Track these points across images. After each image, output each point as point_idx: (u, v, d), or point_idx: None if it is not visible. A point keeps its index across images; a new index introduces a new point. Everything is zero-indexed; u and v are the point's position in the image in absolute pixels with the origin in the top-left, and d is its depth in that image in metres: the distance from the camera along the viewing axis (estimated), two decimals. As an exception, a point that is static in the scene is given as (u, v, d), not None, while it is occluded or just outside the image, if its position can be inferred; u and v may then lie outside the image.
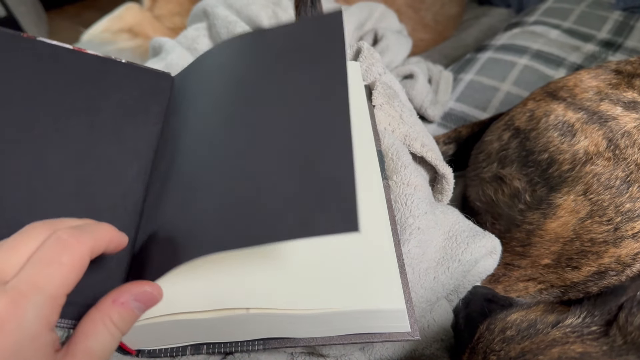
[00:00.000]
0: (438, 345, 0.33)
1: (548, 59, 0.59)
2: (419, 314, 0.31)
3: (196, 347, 0.27)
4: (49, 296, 0.19)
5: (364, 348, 0.31)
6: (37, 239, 0.21)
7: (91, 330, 0.20)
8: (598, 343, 0.23)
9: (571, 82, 0.39)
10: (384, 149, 0.34)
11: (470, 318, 0.32)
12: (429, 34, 0.79)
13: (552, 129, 0.36)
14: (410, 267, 0.30)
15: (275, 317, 0.25)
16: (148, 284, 0.22)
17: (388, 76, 0.41)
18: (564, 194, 0.33)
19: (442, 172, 0.35)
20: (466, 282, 0.33)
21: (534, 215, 0.35)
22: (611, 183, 0.32)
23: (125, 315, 0.21)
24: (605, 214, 0.32)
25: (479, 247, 0.32)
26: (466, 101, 0.57)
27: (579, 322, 0.24)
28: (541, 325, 0.25)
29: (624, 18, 0.65)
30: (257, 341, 0.26)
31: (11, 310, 0.18)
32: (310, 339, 0.26)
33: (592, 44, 0.62)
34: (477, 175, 0.42)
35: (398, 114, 0.37)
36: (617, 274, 0.33)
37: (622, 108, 0.34)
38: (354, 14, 0.56)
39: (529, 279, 0.36)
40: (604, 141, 0.33)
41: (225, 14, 0.50)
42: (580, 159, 0.33)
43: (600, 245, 0.32)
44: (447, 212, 0.34)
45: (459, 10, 0.83)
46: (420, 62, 0.58)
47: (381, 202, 0.30)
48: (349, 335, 0.26)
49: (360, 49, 0.41)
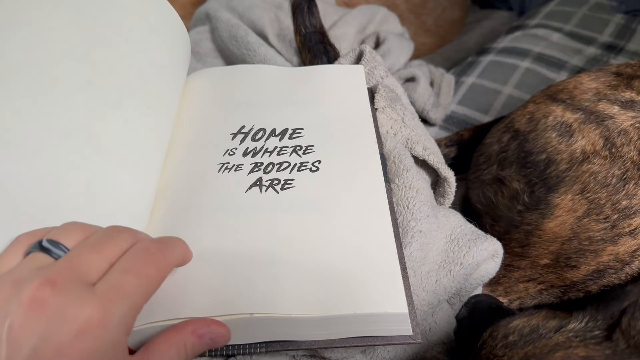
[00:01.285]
0: (440, 349, 0.33)
1: (550, 62, 0.60)
2: (420, 317, 0.31)
3: (198, 350, 0.27)
4: (133, 305, 0.20)
5: (366, 351, 0.31)
6: (121, 245, 0.21)
7: (166, 350, 0.21)
8: (601, 347, 0.23)
9: (571, 84, 0.39)
10: (386, 152, 0.34)
11: (473, 326, 0.32)
12: (430, 38, 0.79)
13: (550, 129, 0.36)
14: (412, 270, 0.30)
15: (277, 320, 0.25)
16: (224, 327, 0.24)
17: (390, 79, 0.41)
18: (561, 194, 0.33)
19: (444, 176, 0.35)
20: (468, 285, 0.33)
21: (533, 216, 0.35)
22: (607, 181, 0.32)
23: (198, 346, 0.22)
24: (602, 212, 0.32)
25: (480, 251, 0.32)
26: (468, 104, 0.57)
27: (581, 327, 0.24)
28: (544, 330, 0.25)
29: (625, 21, 0.65)
30: (260, 344, 0.26)
31: (100, 315, 0.18)
32: (312, 342, 0.26)
33: (594, 47, 0.62)
34: (478, 178, 0.42)
35: (400, 117, 0.37)
36: (616, 271, 0.33)
37: (619, 107, 0.35)
38: (355, 17, 0.57)
39: (528, 280, 0.36)
40: (600, 140, 0.33)
41: (228, 17, 0.50)
42: (577, 159, 0.34)
43: (598, 244, 0.32)
44: (449, 215, 0.34)
45: (460, 14, 0.83)
46: (422, 65, 0.58)
47: (383, 205, 0.30)
48: (351, 338, 0.26)
49: (362, 52, 0.41)
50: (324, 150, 0.33)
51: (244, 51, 0.48)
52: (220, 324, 0.24)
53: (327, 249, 0.27)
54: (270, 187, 0.31)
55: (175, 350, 0.21)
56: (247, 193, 0.31)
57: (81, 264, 0.20)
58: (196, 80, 0.40)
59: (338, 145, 0.33)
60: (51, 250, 0.20)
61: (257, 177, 0.32)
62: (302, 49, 0.47)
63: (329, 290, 0.25)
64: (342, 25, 0.55)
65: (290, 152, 0.33)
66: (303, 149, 0.33)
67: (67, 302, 0.18)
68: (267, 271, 0.26)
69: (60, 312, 0.18)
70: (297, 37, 0.47)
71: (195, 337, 0.22)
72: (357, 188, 0.30)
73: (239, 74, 0.40)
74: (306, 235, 0.28)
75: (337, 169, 0.32)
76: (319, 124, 0.35)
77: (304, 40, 0.46)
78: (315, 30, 0.46)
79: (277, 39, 0.49)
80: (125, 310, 0.19)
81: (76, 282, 0.19)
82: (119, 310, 0.19)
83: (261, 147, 0.34)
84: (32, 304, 0.17)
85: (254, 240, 0.28)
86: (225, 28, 0.49)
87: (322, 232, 0.28)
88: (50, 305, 0.18)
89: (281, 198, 0.30)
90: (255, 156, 0.33)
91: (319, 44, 0.45)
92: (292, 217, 0.29)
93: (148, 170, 0.30)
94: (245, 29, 0.49)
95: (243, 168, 0.32)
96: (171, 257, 0.23)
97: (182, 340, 0.22)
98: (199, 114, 0.37)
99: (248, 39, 0.48)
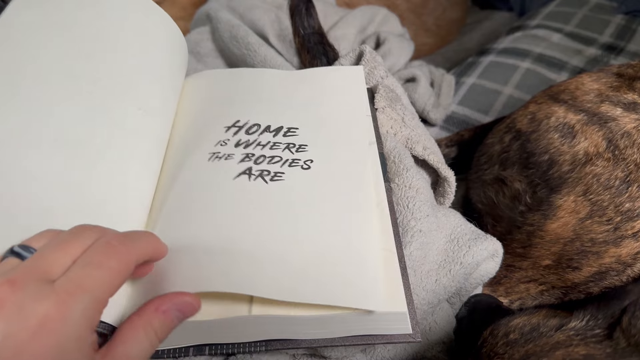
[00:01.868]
0: (440, 348, 0.33)
1: (550, 63, 0.60)
2: (420, 317, 0.31)
3: (199, 348, 0.27)
4: (95, 298, 0.19)
5: (366, 349, 0.31)
6: (85, 242, 0.21)
7: (131, 336, 0.21)
8: (602, 346, 0.23)
9: (573, 85, 0.39)
10: (386, 152, 0.34)
11: (474, 325, 0.32)
12: (431, 39, 0.79)
13: (552, 130, 0.36)
14: (412, 269, 0.30)
15: (277, 319, 0.25)
16: (189, 295, 0.23)
17: (390, 79, 0.41)
18: (564, 195, 0.33)
19: (444, 175, 0.35)
20: (468, 284, 0.33)
21: (535, 217, 0.35)
22: (611, 183, 0.32)
23: (166, 323, 0.22)
24: (605, 214, 0.32)
25: (480, 250, 0.32)
26: (468, 105, 0.57)
27: (582, 326, 0.24)
28: (544, 329, 0.25)
29: (626, 22, 0.65)
30: (260, 342, 0.26)
31: (58, 309, 0.18)
32: (312, 341, 0.26)
33: (594, 48, 0.62)
34: (479, 178, 0.42)
35: (400, 117, 0.37)
36: (617, 273, 0.32)
37: (622, 109, 0.35)
38: (356, 18, 0.57)
39: (530, 280, 0.36)
40: (603, 142, 0.33)
41: (228, 17, 0.50)
42: (580, 160, 0.34)
43: (600, 245, 0.32)
44: (449, 215, 0.34)
45: (461, 14, 0.83)
46: (422, 66, 0.58)
47: (383, 205, 0.30)
48: (351, 337, 0.26)
49: (362, 52, 0.41)
50: (317, 151, 0.33)
51: (244, 51, 0.48)
52: (184, 293, 0.23)
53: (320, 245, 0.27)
54: (260, 177, 0.30)
55: (143, 333, 0.21)
56: (235, 180, 0.30)
57: (43, 262, 0.20)
58: (195, 81, 0.40)
59: (336, 146, 0.33)
60: (21, 254, 0.21)
61: (247, 167, 0.31)
62: (301, 50, 0.47)
63: (328, 289, 0.25)
64: (343, 25, 0.55)
65: (283, 148, 0.33)
66: (296, 146, 0.33)
67: (25, 299, 0.18)
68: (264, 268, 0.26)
69: (18, 309, 0.17)
70: (296, 39, 0.47)
71: (160, 314, 0.21)
72: (354, 188, 0.30)
73: (239, 76, 0.40)
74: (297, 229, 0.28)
75: (333, 169, 0.31)
76: (316, 125, 0.35)
77: (303, 41, 0.46)
78: (314, 31, 0.46)
79: (277, 40, 0.49)
80: (87, 303, 0.19)
81: (35, 280, 0.19)
82: (79, 304, 0.18)
83: (254, 140, 0.33)
84: None
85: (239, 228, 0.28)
86: (225, 28, 0.50)
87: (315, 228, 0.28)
88: (8, 304, 0.17)
89: (270, 188, 0.30)
90: (247, 147, 0.32)
91: (318, 45, 0.45)
92: (281, 209, 0.29)
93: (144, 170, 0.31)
94: (245, 29, 0.49)
95: (234, 157, 0.32)
96: (135, 250, 0.22)
97: (147, 321, 0.21)
98: (195, 111, 0.37)
99: (248, 40, 0.48)
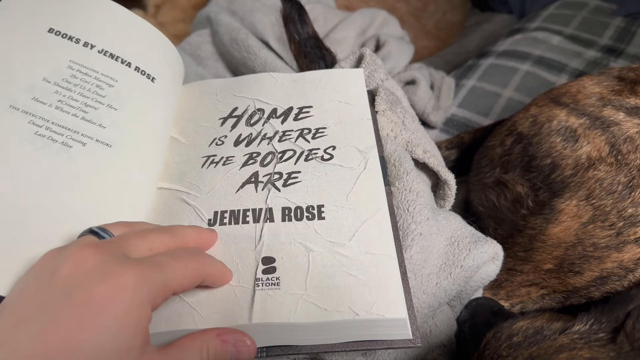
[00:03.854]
0: (440, 351, 0.32)
1: (550, 65, 0.60)
2: (421, 320, 0.31)
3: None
4: (167, 282, 0.21)
5: (366, 354, 0.31)
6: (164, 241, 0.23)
7: (188, 346, 0.22)
8: (605, 349, 0.23)
9: (574, 88, 0.39)
10: (386, 155, 0.34)
11: (475, 329, 0.32)
12: (431, 42, 0.79)
13: (554, 134, 0.36)
14: (413, 272, 0.30)
15: (276, 326, 0.24)
16: (249, 338, 0.24)
17: (390, 82, 0.41)
18: (566, 199, 0.33)
19: (445, 178, 0.35)
20: (468, 288, 0.33)
21: (537, 220, 0.35)
22: (613, 188, 0.32)
23: (220, 351, 0.23)
24: (608, 219, 0.32)
25: (481, 253, 0.32)
26: (468, 107, 0.57)
27: (586, 329, 0.24)
28: (548, 332, 0.25)
29: (625, 24, 0.65)
30: (260, 348, 0.26)
31: (136, 276, 0.19)
32: (312, 346, 0.26)
33: (594, 50, 0.62)
34: (480, 181, 0.41)
35: (400, 120, 0.37)
36: (619, 278, 0.32)
37: (625, 114, 0.34)
38: (356, 21, 0.57)
39: (531, 284, 0.36)
40: (606, 146, 0.33)
41: (229, 20, 0.50)
42: (583, 164, 0.33)
43: (602, 250, 0.32)
44: (450, 218, 0.34)
45: (461, 17, 0.83)
46: (422, 68, 0.58)
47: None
48: (351, 342, 0.26)
49: (362, 55, 0.41)
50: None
51: (244, 54, 0.48)
52: (246, 334, 0.24)
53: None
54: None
55: (199, 348, 0.22)
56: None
57: (125, 242, 0.22)
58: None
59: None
60: (99, 233, 0.22)
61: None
62: (298, 56, 0.47)
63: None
64: (343, 28, 0.55)
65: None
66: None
67: (108, 262, 0.19)
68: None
69: (101, 268, 0.19)
70: (291, 45, 0.47)
71: (219, 341, 0.23)
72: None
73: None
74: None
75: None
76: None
77: (299, 47, 0.46)
78: (309, 36, 0.46)
79: (277, 43, 0.49)
80: (159, 281, 0.20)
81: (118, 250, 0.21)
82: (152, 279, 0.20)
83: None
84: (75, 257, 0.19)
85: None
86: (226, 31, 0.50)
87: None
88: (91, 261, 0.19)
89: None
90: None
91: (314, 49, 0.45)
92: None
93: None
94: (246, 32, 0.49)
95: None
96: (211, 265, 0.24)
97: (205, 340, 0.22)
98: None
99: (249, 43, 0.48)
